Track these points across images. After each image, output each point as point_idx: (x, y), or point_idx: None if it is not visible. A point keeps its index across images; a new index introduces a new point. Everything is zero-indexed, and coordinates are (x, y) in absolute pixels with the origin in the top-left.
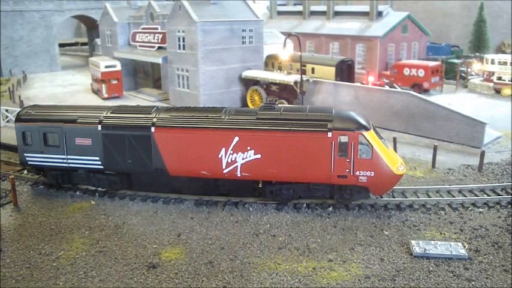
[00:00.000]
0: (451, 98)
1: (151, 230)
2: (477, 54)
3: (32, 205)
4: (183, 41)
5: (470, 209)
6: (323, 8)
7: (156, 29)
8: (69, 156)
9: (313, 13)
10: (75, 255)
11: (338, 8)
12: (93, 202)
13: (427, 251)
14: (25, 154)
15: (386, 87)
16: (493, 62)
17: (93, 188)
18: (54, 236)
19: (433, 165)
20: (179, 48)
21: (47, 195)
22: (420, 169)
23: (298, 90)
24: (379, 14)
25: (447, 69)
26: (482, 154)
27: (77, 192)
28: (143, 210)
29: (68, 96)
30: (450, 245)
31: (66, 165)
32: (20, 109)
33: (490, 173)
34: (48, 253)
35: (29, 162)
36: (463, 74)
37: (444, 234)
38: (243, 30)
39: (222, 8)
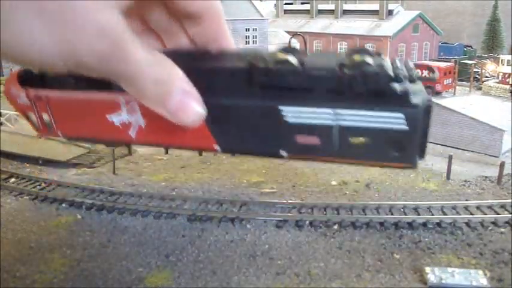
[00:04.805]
0: (465, 101)
1: (138, 250)
2: (491, 54)
3: (13, 219)
4: None
5: (490, 228)
6: (331, 6)
7: None
8: None
9: (321, 12)
10: (52, 279)
11: (347, 7)
12: (79, 216)
13: (444, 281)
14: None
15: None
16: (508, 62)
17: (80, 200)
18: (33, 256)
19: (448, 177)
20: None
21: (31, 207)
22: (434, 181)
23: None
24: (390, 12)
25: (460, 70)
26: (502, 165)
27: (63, 205)
28: (131, 226)
29: None
30: (469, 274)
31: None
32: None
33: (511, 186)
34: (23, 276)
35: None
36: (476, 76)
37: (462, 258)
38: (246, 30)
39: (224, 5)
